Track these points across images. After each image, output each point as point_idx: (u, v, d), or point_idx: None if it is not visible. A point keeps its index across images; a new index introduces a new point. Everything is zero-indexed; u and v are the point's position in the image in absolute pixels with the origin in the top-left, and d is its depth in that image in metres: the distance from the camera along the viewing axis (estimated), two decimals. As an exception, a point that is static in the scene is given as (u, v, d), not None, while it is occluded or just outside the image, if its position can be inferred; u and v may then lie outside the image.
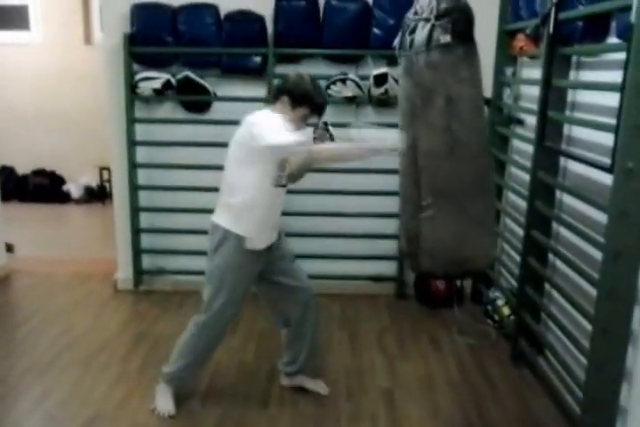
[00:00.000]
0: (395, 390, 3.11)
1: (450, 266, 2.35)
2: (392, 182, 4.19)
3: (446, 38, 2.14)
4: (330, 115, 4.10)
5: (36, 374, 3.19)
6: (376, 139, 2.51)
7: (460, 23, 2.15)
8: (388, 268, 4.35)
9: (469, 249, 2.26)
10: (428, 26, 2.17)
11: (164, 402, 2.87)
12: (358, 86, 3.94)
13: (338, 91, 3.96)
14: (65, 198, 7.18)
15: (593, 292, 2.50)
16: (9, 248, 4.82)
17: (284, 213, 2.87)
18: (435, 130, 2.23)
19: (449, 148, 2.20)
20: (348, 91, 3.94)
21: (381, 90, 3.87)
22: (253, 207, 2.64)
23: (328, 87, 3.96)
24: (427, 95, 2.22)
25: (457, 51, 2.16)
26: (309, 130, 2.66)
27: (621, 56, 2.24)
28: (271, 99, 2.72)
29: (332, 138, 2.63)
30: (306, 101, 2.62)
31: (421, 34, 2.20)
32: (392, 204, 4.25)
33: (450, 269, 2.38)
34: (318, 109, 2.67)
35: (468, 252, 2.26)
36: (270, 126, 2.52)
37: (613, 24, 2.59)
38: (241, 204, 2.65)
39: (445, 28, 2.14)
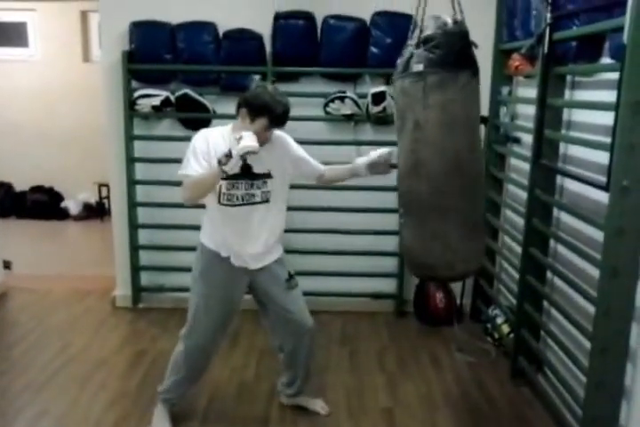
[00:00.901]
0: (395, 409, 3.10)
1: (418, 269, 2.52)
2: (392, 200, 4.20)
3: (418, 67, 2.17)
4: (328, 132, 4.19)
5: (33, 392, 3.18)
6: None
7: (438, 51, 2.14)
8: (388, 285, 4.35)
9: (431, 258, 2.37)
10: (408, 54, 2.22)
11: (159, 422, 2.85)
12: (356, 104, 3.97)
13: (336, 109, 3.99)
14: (63, 215, 7.18)
15: (591, 309, 2.50)
16: (6, 265, 4.82)
17: (284, 231, 2.86)
18: (403, 150, 2.35)
19: (412, 167, 2.31)
20: (347, 109, 3.98)
21: (379, 108, 3.90)
22: (213, 222, 2.70)
23: (327, 105, 4.00)
24: (401, 118, 2.32)
25: (430, 78, 2.16)
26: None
27: (615, 76, 2.27)
28: (236, 113, 2.61)
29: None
30: (264, 112, 2.47)
31: (401, 62, 2.27)
32: (392, 221, 4.27)
33: (418, 272, 2.58)
34: (277, 120, 2.51)
35: (430, 260, 2.38)
36: (188, 153, 2.55)
37: (607, 44, 2.62)
38: (205, 217, 2.76)
39: (420, 56, 2.17)
